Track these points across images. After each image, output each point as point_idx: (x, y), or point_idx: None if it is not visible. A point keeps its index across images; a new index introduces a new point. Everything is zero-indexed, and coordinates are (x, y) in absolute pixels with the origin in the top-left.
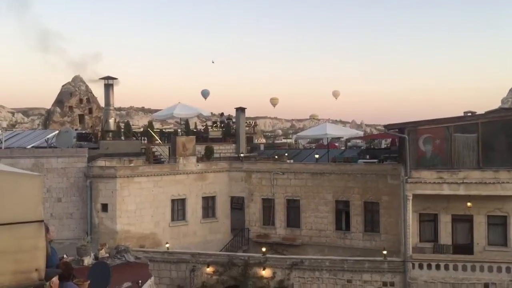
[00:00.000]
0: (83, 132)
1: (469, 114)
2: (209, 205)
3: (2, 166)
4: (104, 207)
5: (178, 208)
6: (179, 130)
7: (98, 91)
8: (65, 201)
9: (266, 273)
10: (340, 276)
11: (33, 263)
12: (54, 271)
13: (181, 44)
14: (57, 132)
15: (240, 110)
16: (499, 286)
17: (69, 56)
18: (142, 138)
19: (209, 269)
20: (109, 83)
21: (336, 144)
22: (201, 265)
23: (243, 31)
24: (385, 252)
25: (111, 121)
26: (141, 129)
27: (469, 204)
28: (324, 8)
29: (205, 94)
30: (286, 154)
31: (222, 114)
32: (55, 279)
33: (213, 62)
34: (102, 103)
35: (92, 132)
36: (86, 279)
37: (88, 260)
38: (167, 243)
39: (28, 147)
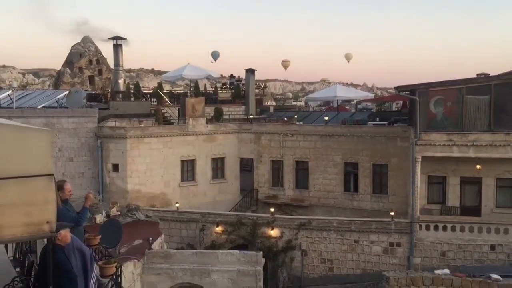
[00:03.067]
0: (93, 92)
1: (482, 76)
2: (218, 166)
3: (12, 122)
4: (115, 167)
5: (188, 168)
6: (188, 91)
7: (107, 53)
8: (76, 161)
9: (274, 232)
10: (348, 236)
11: (44, 216)
12: (65, 224)
13: (191, 5)
14: (67, 92)
15: (250, 71)
16: (505, 247)
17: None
18: (152, 99)
19: (218, 229)
20: (118, 43)
21: (347, 107)
22: (210, 225)
23: None
24: (392, 213)
25: (121, 81)
26: (151, 91)
27: (478, 166)
28: None
29: (215, 55)
30: (295, 116)
31: (232, 75)
32: (64, 232)
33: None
34: (111, 64)
35: (102, 92)
36: (97, 235)
37: (99, 218)
38: (177, 202)
39: (39, 107)
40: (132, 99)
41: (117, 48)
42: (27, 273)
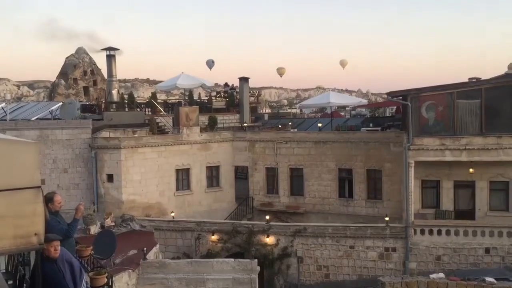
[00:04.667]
0: (87, 103)
1: (474, 80)
2: (213, 175)
3: None
4: (110, 178)
5: (183, 177)
6: (182, 100)
7: (102, 63)
8: (71, 172)
9: (270, 240)
10: (343, 242)
11: (32, 228)
12: (54, 236)
13: (186, 14)
14: (61, 103)
15: (244, 80)
16: (500, 250)
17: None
18: (146, 109)
19: (214, 237)
20: (111, 54)
21: (342, 114)
22: (206, 233)
23: (249, 1)
24: (387, 218)
25: (114, 92)
26: (146, 100)
27: (471, 170)
28: None
29: (210, 64)
30: (290, 123)
31: (226, 84)
32: (47, 246)
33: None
34: (106, 74)
35: (96, 103)
36: (91, 246)
37: (94, 229)
38: (172, 212)
39: (33, 119)
40: (126, 109)
41: (110, 58)
42: (19, 286)
